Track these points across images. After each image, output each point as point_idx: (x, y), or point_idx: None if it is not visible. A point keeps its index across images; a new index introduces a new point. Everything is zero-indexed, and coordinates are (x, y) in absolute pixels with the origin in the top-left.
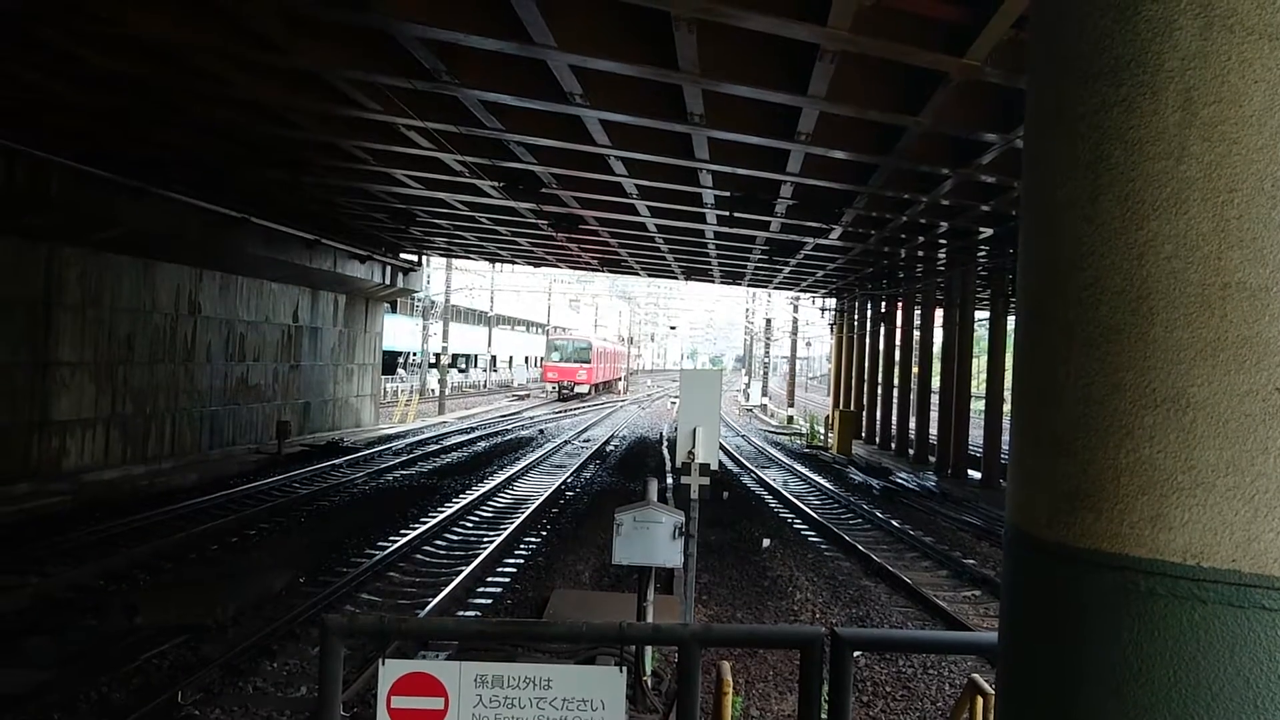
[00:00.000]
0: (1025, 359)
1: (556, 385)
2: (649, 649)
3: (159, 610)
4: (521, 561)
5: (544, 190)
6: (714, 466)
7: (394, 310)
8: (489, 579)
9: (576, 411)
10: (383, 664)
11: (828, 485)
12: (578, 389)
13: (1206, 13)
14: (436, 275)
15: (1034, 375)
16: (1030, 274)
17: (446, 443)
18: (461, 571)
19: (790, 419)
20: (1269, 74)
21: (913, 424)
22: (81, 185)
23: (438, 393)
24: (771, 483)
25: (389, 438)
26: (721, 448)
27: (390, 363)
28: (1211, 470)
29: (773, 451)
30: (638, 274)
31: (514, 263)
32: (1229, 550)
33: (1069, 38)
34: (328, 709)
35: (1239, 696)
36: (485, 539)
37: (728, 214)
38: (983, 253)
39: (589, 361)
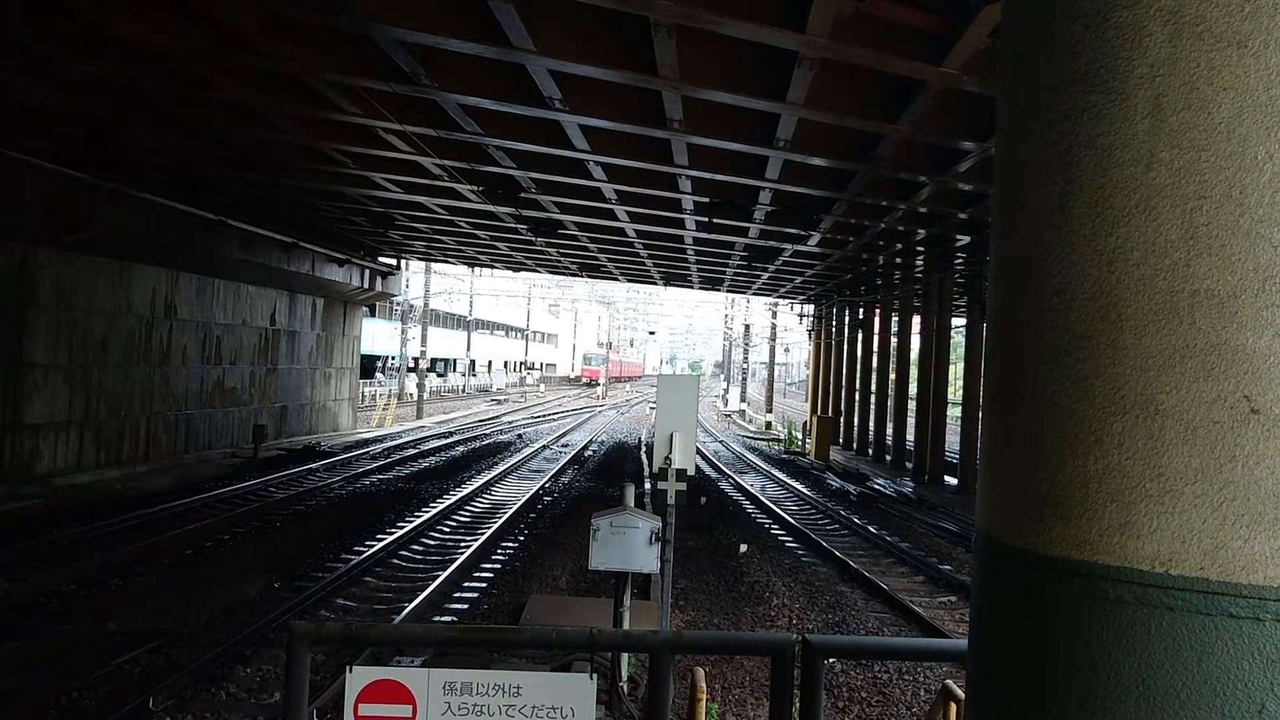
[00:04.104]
0: (995, 366)
1: (587, 379)
2: (625, 654)
3: (131, 615)
4: (499, 566)
5: (523, 195)
6: (691, 472)
7: (372, 314)
8: (465, 584)
9: (555, 416)
10: (350, 671)
11: (805, 491)
12: (596, 380)
13: (1175, 20)
14: (415, 279)
15: (1004, 382)
16: (1000, 280)
17: (424, 447)
18: (438, 576)
19: (768, 425)
20: (1237, 81)
21: (890, 430)
22: (57, 186)
23: (416, 397)
24: (749, 488)
25: (366, 442)
26: (699, 453)
27: (368, 367)
28: (1180, 477)
29: (750, 457)
30: (617, 279)
31: (493, 267)
32: (1197, 558)
33: (1039, 45)
34: (294, 716)
35: (1206, 704)
36: (462, 544)
37: (707, 219)
38: (960, 260)
39: (603, 365)
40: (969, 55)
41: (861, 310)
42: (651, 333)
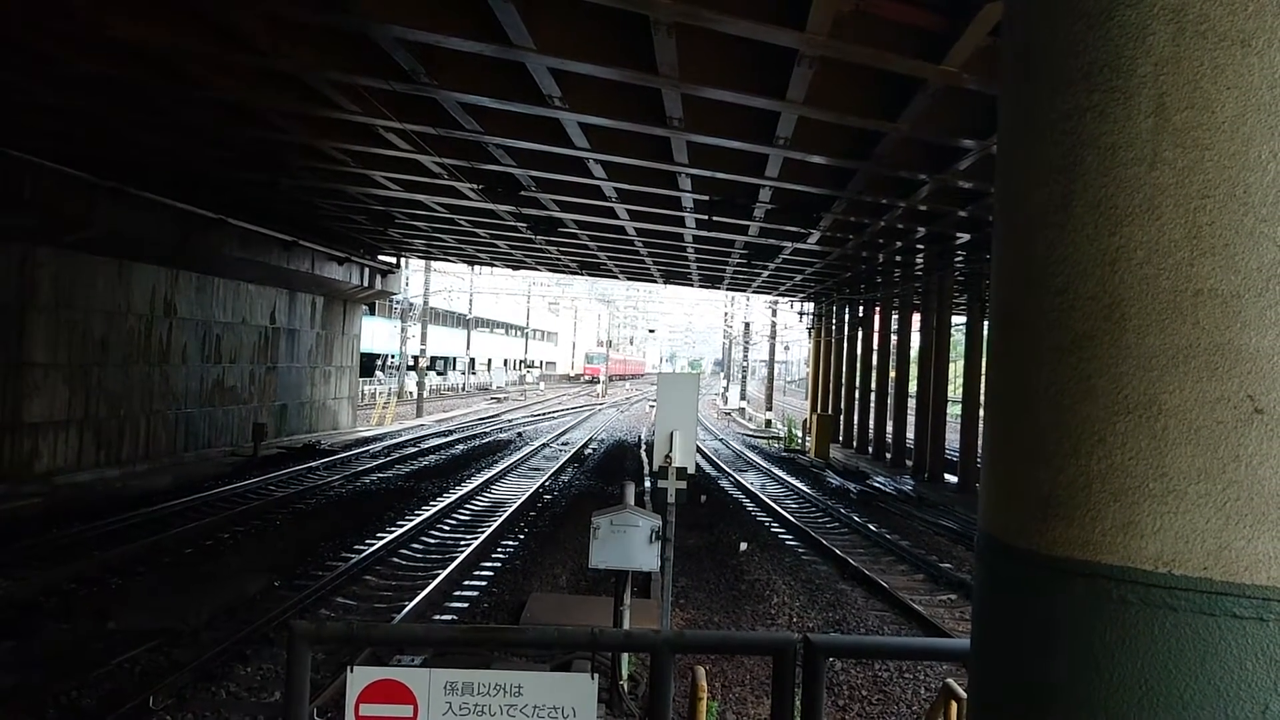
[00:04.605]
0: (998, 365)
1: (589, 376)
2: (625, 653)
3: (131, 614)
4: (499, 565)
5: (523, 193)
6: (691, 470)
7: (372, 312)
8: (466, 583)
9: (555, 414)
10: (351, 671)
11: (805, 489)
12: (598, 377)
13: (1179, 18)
14: (415, 277)
15: (1006, 382)
16: (1003, 280)
17: (424, 445)
18: (438, 575)
19: (768, 423)
20: (1241, 80)
21: (890, 428)
22: (56, 185)
23: (415, 395)
24: (749, 486)
25: (366, 440)
26: (699, 451)
27: (368, 365)
28: (1183, 477)
29: (750, 455)
30: (617, 277)
31: (493, 265)
32: (1200, 558)
33: (1041, 44)
34: (295, 715)
35: (1210, 705)
36: (462, 542)
37: (706, 218)
38: (960, 258)
39: (604, 363)
40: (969, 53)
41: (861, 308)
42: (651, 331)
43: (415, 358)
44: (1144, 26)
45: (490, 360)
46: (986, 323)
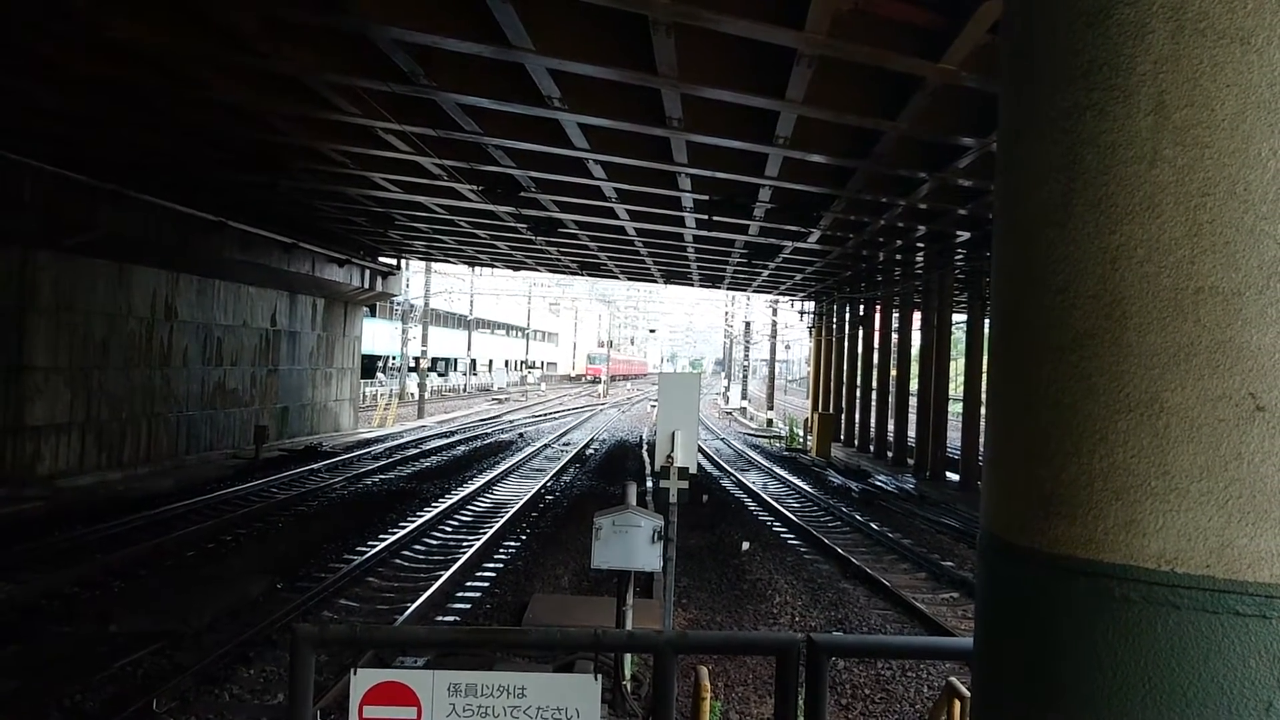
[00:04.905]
0: (999, 364)
1: (591, 376)
2: (628, 654)
3: (134, 617)
4: (501, 566)
5: (523, 194)
6: (692, 470)
7: (373, 314)
8: (468, 584)
9: (556, 415)
10: (354, 673)
11: (807, 488)
12: (599, 378)
13: (1178, 16)
14: (415, 279)
15: (1008, 380)
16: (1004, 279)
17: (426, 447)
18: (440, 576)
19: (770, 422)
20: (1240, 78)
21: (891, 426)
22: (56, 188)
23: (417, 396)
24: (751, 485)
25: (368, 442)
26: (701, 451)
27: (369, 367)
28: (1185, 475)
29: (752, 454)
30: (617, 277)
31: (493, 266)
32: (1203, 555)
33: (1041, 42)
34: (298, 718)
35: (1213, 703)
36: (464, 544)
37: (706, 217)
38: (960, 256)
39: (604, 364)
40: (967, 51)
41: (862, 307)
42: (652, 330)
43: (416, 359)
44: (1143, 24)
45: (491, 361)
46: (987, 321)
